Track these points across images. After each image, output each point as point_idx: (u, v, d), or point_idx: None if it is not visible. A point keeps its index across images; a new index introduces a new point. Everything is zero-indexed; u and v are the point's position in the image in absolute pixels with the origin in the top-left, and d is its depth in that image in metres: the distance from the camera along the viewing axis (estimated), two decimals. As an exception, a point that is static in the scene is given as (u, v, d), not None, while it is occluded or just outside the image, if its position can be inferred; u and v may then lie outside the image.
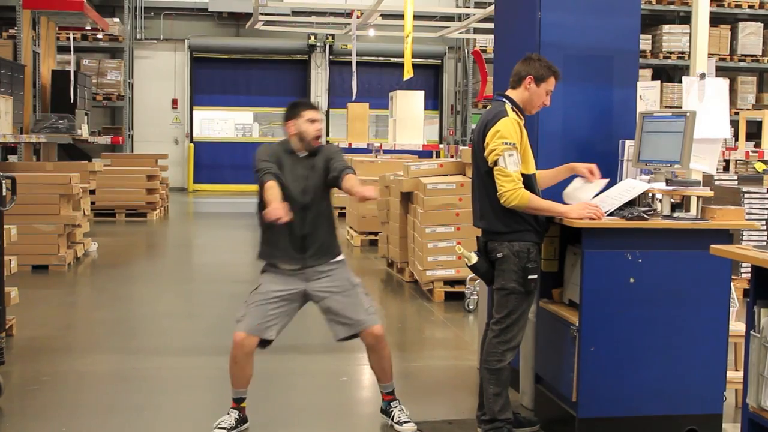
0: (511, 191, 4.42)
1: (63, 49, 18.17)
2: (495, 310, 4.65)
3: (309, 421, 5.31)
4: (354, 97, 15.60)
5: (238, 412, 4.90)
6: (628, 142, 5.10)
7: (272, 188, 4.70)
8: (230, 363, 4.88)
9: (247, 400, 4.94)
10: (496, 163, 4.46)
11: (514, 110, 4.59)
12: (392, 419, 4.96)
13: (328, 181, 4.85)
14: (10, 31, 16.94)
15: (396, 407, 4.99)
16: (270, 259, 4.94)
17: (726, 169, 14.91)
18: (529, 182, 4.55)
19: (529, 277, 4.53)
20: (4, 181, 5.41)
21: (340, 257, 4.97)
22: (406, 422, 4.91)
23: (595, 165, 4.88)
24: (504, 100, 4.66)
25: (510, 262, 4.53)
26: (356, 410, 5.70)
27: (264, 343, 4.89)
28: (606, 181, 4.88)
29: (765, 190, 9.09)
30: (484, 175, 4.60)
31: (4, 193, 5.41)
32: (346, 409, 5.65)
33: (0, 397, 5.33)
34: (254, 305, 4.87)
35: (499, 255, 4.57)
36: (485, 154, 4.51)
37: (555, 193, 4.88)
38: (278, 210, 4.49)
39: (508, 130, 4.47)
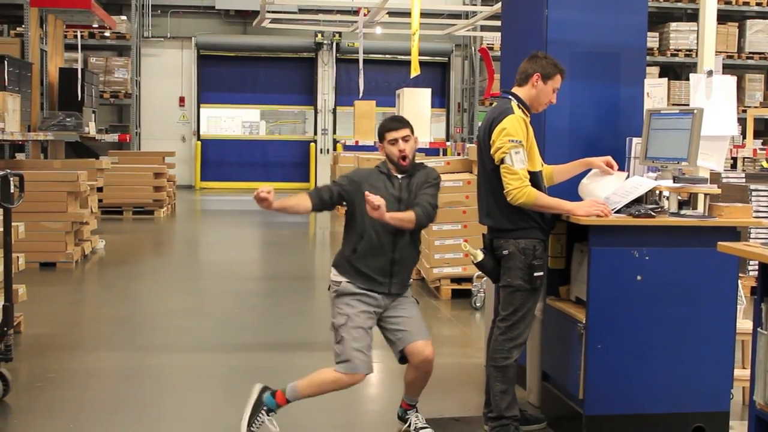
0: (517, 189, 4.42)
1: (70, 47, 18.19)
2: (501, 307, 4.65)
3: (318, 419, 5.30)
4: (361, 94, 15.61)
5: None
6: (635, 140, 5.10)
7: (296, 196, 4.68)
8: (324, 386, 4.66)
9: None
10: (502, 161, 4.45)
11: (520, 107, 4.58)
12: (409, 426, 4.88)
13: None
14: (17, 29, 16.97)
15: (413, 414, 4.90)
16: (351, 274, 4.70)
17: (734, 166, 14.88)
18: (535, 179, 4.55)
19: (535, 274, 4.53)
20: (12, 179, 5.42)
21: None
22: (423, 428, 4.84)
23: (611, 157, 4.86)
24: (510, 97, 4.66)
25: (516, 260, 4.53)
26: (365, 408, 5.71)
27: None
28: (625, 174, 4.87)
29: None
30: (490, 173, 4.59)
31: (12, 191, 5.42)
32: (355, 407, 5.65)
33: (8, 394, 5.35)
34: (356, 341, 4.63)
35: (505, 252, 4.57)
36: (491, 152, 4.51)
37: (566, 189, 4.88)
38: (378, 199, 4.37)
39: (514, 127, 4.46)
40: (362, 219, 4.63)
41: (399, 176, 4.74)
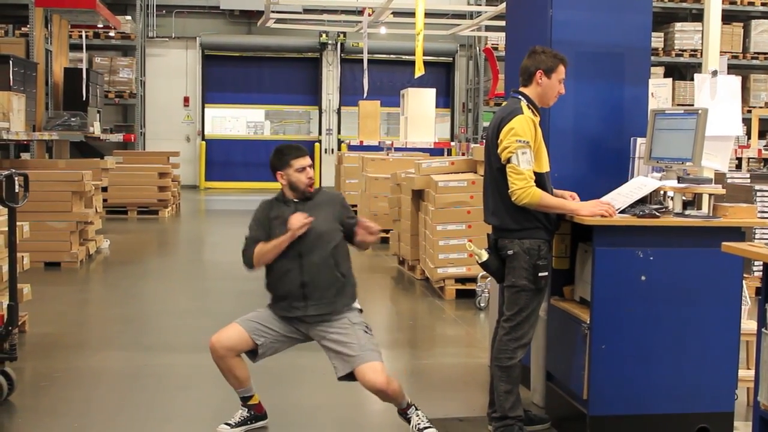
0: (522, 189, 4.42)
1: (75, 47, 18.20)
2: (505, 307, 4.65)
3: (321, 419, 5.31)
4: (365, 94, 15.59)
5: (248, 409, 4.91)
6: (639, 140, 5.10)
7: (260, 248, 4.76)
8: (217, 364, 4.85)
9: (257, 396, 4.93)
10: (509, 160, 4.45)
11: (529, 108, 4.58)
12: (412, 427, 4.85)
13: (338, 234, 4.79)
14: (22, 28, 17.00)
15: (413, 413, 4.85)
16: (274, 309, 4.87)
17: (738, 167, 14.86)
18: (542, 180, 4.55)
19: (540, 274, 4.53)
20: (16, 178, 5.43)
21: (350, 306, 4.84)
22: (426, 428, 4.80)
23: (576, 194, 4.86)
24: (520, 97, 4.65)
25: (520, 260, 4.53)
26: (368, 408, 5.70)
27: (252, 355, 4.85)
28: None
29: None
30: (495, 172, 4.59)
31: (16, 190, 5.43)
32: (358, 406, 5.66)
33: (13, 393, 5.36)
34: (261, 310, 4.89)
35: (510, 252, 4.57)
36: (498, 151, 4.51)
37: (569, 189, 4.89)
38: (298, 218, 4.54)
39: (523, 128, 4.46)
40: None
41: (295, 200, 4.84)
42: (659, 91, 5.26)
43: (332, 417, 5.35)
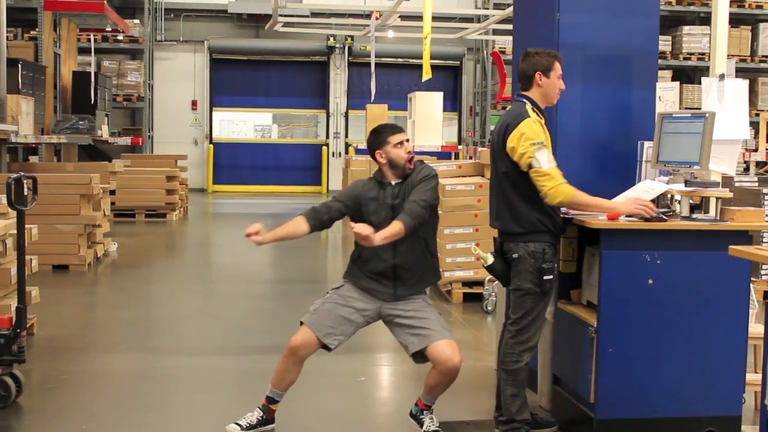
0: (553, 188, 4.39)
1: (84, 51, 18.28)
2: (511, 310, 4.65)
3: (328, 422, 5.31)
4: (373, 98, 15.63)
5: (264, 413, 4.87)
6: (647, 143, 5.09)
7: (291, 222, 4.75)
8: (281, 360, 4.79)
9: (279, 404, 4.92)
10: (530, 166, 4.42)
11: (534, 111, 4.58)
12: (422, 427, 4.86)
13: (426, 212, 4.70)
14: (31, 32, 17.06)
15: (427, 416, 4.88)
16: (358, 279, 4.81)
17: (746, 170, 14.82)
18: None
19: (545, 277, 4.52)
20: (25, 181, 5.45)
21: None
22: None
23: None
24: (524, 101, 4.64)
25: (526, 263, 4.53)
26: (375, 410, 5.71)
27: (324, 348, 4.83)
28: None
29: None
30: (501, 176, 4.59)
31: (25, 193, 5.45)
32: (365, 409, 5.66)
33: (20, 395, 5.37)
34: (330, 304, 4.80)
35: (515, 256, 4.57)
36: (516, 160, 4.48)
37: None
38: (364, 229, 4.42)
39: (533, 130, 4.45)
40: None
41: (392, 183, 4.78)
42: (666, 94, 5.26)
43: (341, 421, 5.35)
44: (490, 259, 4.67)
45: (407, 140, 4.81)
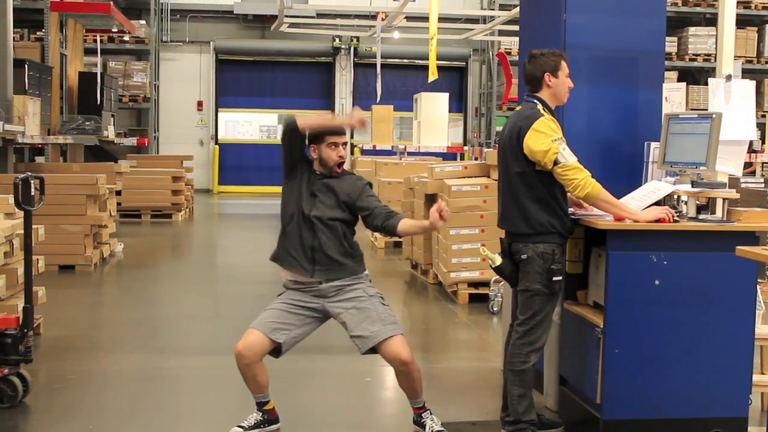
0: (583, 179, 4.39)
1: (90, 52, 18.31)
2: (519, 311, 4.65)
3: (334, 422, 5.32)
4: (378, 99, 15.62)
5: (263, 413, 4.91)
6: (653, 144, 5.09)
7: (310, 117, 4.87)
8: (239, 370, 4.83)
9: (272, 401, 4.93)
10: (556, 162, 4.42)
11: (545, 111, 4.57)
12: (425, 430, 4.87)
13: (348, 216, 4.80)
14: (38, 33, 17.09)
15: (428, 417, 4.87)
16: (281, 263, 4.88)
17: (753, 172, 14.79)
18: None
19: (554, 278, 4.52)
20: (32, 182, 5.47)
21: (359, 275, 4.86)
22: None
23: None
24: (535, 101, 4.63)
25: (534, 264, 4.53)
26: (381, 411, 5.72)
27: (276, 352, 4.83)
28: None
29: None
30: (514, 177, 4.57)
31: (32, 194, 5.46)
32: (372, 410, 5.67)
33: (27, 395, 5.38)
34: (273, 306, 4.88)
35: (524, 257, 4.56)
36: (538, 159, 4.46)
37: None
38: (358, 113, 4.62)
39: (549, 127, 4.46)
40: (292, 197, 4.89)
41: (317, 171, 4.86)
42: (673, 95, 5.25)
43: (343, 420, 5.36)
44: (499, 260, 4.67)
45: (344, 144, 4.84)
